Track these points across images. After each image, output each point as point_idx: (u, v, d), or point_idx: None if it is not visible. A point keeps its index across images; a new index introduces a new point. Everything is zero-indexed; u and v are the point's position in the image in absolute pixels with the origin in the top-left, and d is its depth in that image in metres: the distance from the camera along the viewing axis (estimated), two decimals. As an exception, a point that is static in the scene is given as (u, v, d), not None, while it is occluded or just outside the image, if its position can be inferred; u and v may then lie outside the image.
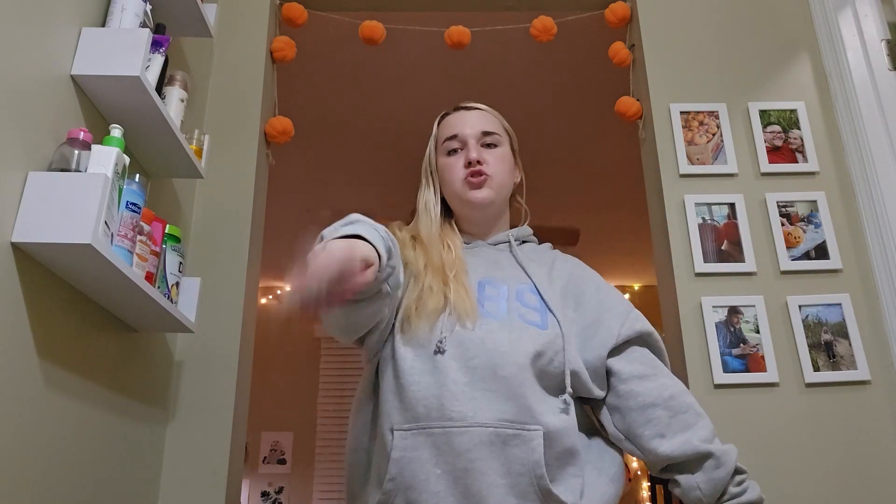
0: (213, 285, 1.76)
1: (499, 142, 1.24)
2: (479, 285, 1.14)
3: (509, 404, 1.01)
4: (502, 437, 0.99)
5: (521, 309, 1.11)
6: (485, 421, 1.00)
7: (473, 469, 0.98)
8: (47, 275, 1.14)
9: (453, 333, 1.06)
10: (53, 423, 1.16)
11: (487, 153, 1.21)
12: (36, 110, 1.12)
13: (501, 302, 1.11)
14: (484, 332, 1.06)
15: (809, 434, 1.64)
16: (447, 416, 1.00)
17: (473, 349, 1.04)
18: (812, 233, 1.82)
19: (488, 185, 1.19)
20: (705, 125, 1.94)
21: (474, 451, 0.98)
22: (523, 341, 1.06)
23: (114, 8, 1.32)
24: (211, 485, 1.61)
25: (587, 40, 2.39)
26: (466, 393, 1.01)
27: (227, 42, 2.01)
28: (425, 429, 1.01)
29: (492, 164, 1.20)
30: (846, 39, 1.95)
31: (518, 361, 1.04)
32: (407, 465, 1.00)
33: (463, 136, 1.22)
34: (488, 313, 1.09)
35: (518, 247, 1.24)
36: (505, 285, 1.14)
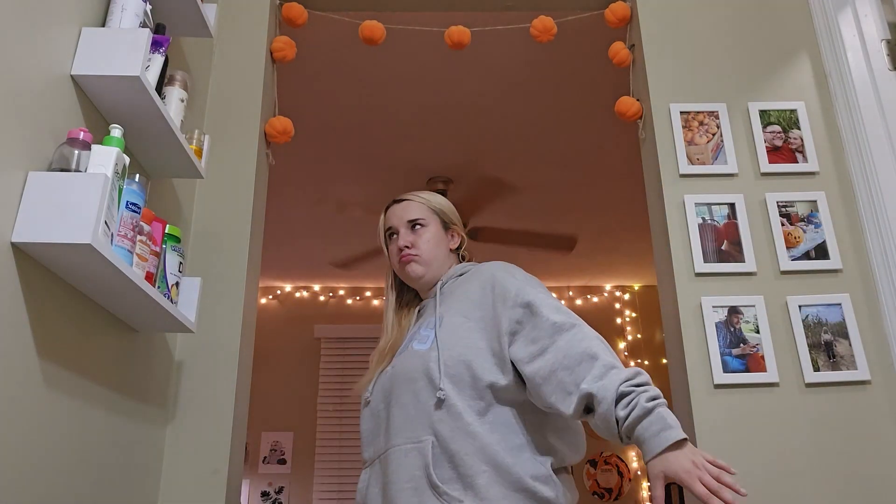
0: (213, 285, 1.76)
1: (425, 223, 1.49)
2: (410, 335, 1.43)
3: (407, 424, 1.26)
4: (404, 450, 1.25)
5: (420, 336, 1.37)
6: (394, 443, 1.27)
7: (390, 481, 1.24)
8: (47, 275, 1.14)
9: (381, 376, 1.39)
10: (53, 424, 1.16)
11: (415, 236, 1.47)
12: (36, 110, 1.12)
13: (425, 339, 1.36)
14: (396, 366, 1.36)
15: (809, 434, 1.64)
16: (380, 448, 1.31)
17: (387, 387, 1.35)
18: (812, 233, 1.82)
19: (416, 262, 1.45)
20: (705, 125, 1.94)
21: (390, 466, 1.25)
22: (411, 366, 1.32)
23: (114, 8, 1.32)
24: (211, 485, 1.61)
25: (587, 40, 2.39)
26: (384, 423, 1.32)
27: (227, 42, 2.01)
28: (373, 463, 1.33)
29: (420, 245, 1.46)
30: (846, 39, 1.95)
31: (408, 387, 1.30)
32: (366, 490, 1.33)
33: (395, 227, 1.49)
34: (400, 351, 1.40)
35: (443, 288, 1.45)
36: (429, 325, 1.38)
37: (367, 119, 3.25)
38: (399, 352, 1.40)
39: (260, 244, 1.97)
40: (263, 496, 4.85)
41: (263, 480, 4.88)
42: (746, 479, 1.61)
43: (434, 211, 1.52)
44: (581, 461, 5.12)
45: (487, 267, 1.41)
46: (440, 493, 1.19)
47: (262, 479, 4.88)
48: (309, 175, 3.76)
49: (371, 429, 1.36)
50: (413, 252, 1.46)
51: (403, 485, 1.21)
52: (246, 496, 4.81)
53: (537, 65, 2.90)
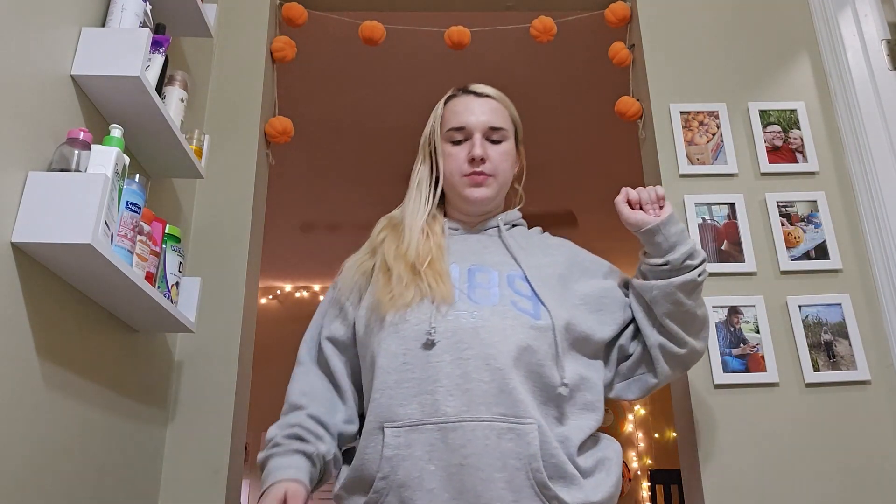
0: (213, 285, 1.76)
1: (505, 137, 1.23)
2: (469, 272, 1.13)
3: (503, 397, 1.00)
4: (496, 430, 0.98)
5: (513, 296, 1.10)
6: (478, 415, 0.99)
7: (468, 465, 0.97)
8: (47, 275, 1.14)
9: (444, 323, 1.05)
10: (53, 424, 1.16)
11: (492, 149, 1.20)
12: (36, 110, 1.12)
13: (493, 288, 1.11)
14: (476, 320, 1.05)
15: (809, 434, 1.64)
16: (441, 412, 0.99)
17: (467, 339, 1.03)
18: (812, 233, 1.82)
19: (488, 185, 1.20)
20: (705, 125, 1.94)
21: (468, 447, 0.97)
22: (516, 331, 1.05)
23: (114, 8, 1.32)
24: (211, 485, 1.61)
25: (587, 40, 2.39)
26: (460, 386, 1.00)
27: (227, 42, 2.01)
28: (418, 425, 1.00)
29: (495, 162, 1.20)
30: (846, 39, 1.95)
31: (511, 352, 1.03)
32: (400, 462, 0.99)
33: (469, 129, 1.20)
34: (479, 300, 1.08)
35: (507, 231, 1.23)
36: (496, 271, 1.14)
37: (367, 119, 3.25)
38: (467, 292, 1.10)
39: (260, 244, 1.96)
40: (263, 496, 4.84)
41: (263, 480, 4.87)
42: (747, 478, 1.61)
43: (513, 121, 1.27)
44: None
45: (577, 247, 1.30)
46: (549, 498, 0.98)
47: (261, 479, 4.87)
48: (308, 174, 3.75)
49: (425, 378, 1.02)
50: (490, 171, 1.19)
51: (493, 474, 0.97)
52: (246, 496, 4.80)
53: (537, 65, 2.90)
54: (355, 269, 1.20)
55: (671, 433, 4.96)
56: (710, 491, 1.60)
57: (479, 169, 1.18)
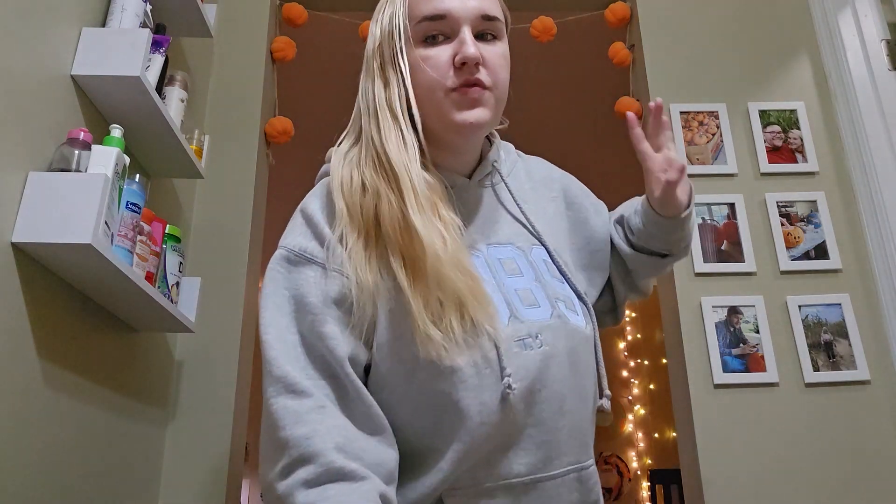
0: (213, 285, 1.76)
1: (500, 33, 0.85)
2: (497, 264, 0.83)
3: (573, 443, 0.80)
4: (568, 485, 0.79)
5: (556, 293, 0.84)
6: (552, 471, 0.78)
7: None
8: (47, 275, 1.14)
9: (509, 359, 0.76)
10: (53, 424, 1.16)
11: (487, 50, 0.82)
12: (36, 110, 1.12)
13: (531, 286, 0.83)
14: (542, 349, 0.78)
15: (809, 434, 1.64)
16: (514, 473, 0.77)
17: (539, 379, 0.78)
18: (812, 233, 1.82)
19: (486, 103, 0.81)
20: (705, 125, 1.94)
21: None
22: (578, 353, 0.82)
23: (114, 8, 1.32)
24: (211, 485, 1.61)
25: (587, 40, 2.39)
26: (534, 439, 0.78)
27: (227, 42, 2.01)
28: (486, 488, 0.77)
29: (494, 67, 0.82)
30: (846, 39, 1.95)
31: (583, 386, 0.82)
32: None
33: (453, 19, 0.81)
34: (529, 315, 0.80)
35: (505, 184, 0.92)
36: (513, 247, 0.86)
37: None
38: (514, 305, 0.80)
39: (260, 244, 1.97)
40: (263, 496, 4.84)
41: (263, 480, 4.87)
42: (746, 478, 1.61)
43: (505, 16, 0.89)
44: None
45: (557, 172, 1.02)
46: None
47: (261, 479, 4.87)
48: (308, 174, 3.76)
49: (500, 436, 0.76)
50: (487, 81, 0.81)
51: None
52: (246, 496, 4.80)
53: (537, 65, 2.90)
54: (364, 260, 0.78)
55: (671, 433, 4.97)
56: (710, 491, 1.60)
57: (477, 77, 0.80)
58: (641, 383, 5.22)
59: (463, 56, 0.79)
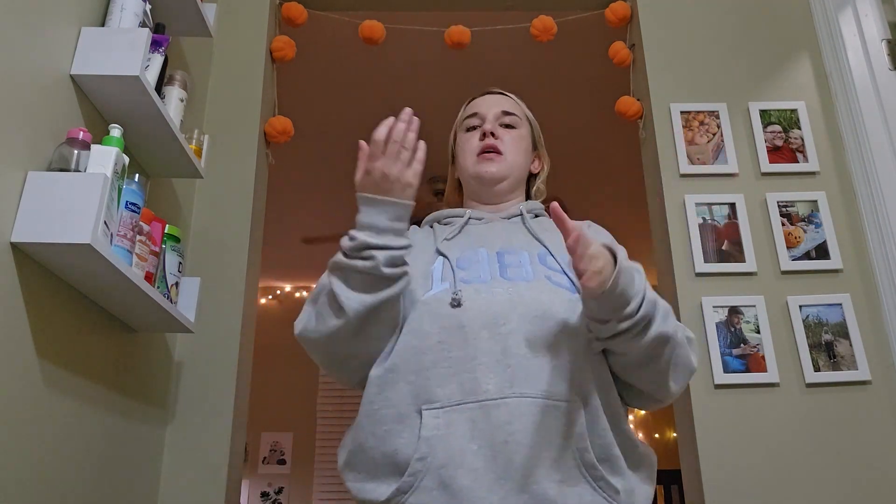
0: (213, 285, 1.75)
1: (517, 124, 1.25)
2: (499, 255, 1.10)
3: (546, 374, 0.96)
4: (541, 407, 0.94)
5: (547, 271, 1.06)
6: (522, 391, 0.94)
7: (513, 441, 0.91)
8: (47, 275, 1.14)
9: (479, 299, 1.00)
10: (53, 424, 1.16)
11: (504, 132, 1.23)
12: (35, 110, 1.12)
13: (525, 266, 1.07)
14: (512, 295, 1.00)
15: (810, 434, 1.64)
16: (482, 391, 0.94)
17: (503, 314, 0.99)
18: (812, 233, 1.82)
19: (498, 162, 1.19)
20: (706, 125, 1.94)
21: (514, 423, 0.92)
22: (556, 305, 1.00)
23: (113, 7, 1.32)
24: (211, 485, 1.61)
25: (587, 40, 2.39)
26: (501, 363, 0.96)
27: (227, 42, 2.01)
28: (459, 405, 0.95)
29: (506, 143, 1.22)
30: (847, 39, 1.95)
31: (552, 329, 0.99)
32: (439, 442, 0.93)
33: (483, 114, 1.25)
34: (513, 277, 1.04)
35: (531, 220, 1.20)
36: (525, 252, 1.10)
37: (367, 118, 3.24)
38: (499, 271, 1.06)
39: (260, 244, 1.96)
40: (263, 496, 4.85)
41: (263, 481, 4.88)
42: (747, 478, 1.60)
43: (528, 120, 1.31)
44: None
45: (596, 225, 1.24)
46: (596, 479, 0.94)
47: (261, 479, 4.88)
48: (308, 174, 3.75)
49: (464, 357, 0.97)
50: (501, 148, 1.20)
51: (542, 453, 0.92)
52: (246, 496, 4.80)
53: (537, 65, 2.90)
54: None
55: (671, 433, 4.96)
56: (710, 491, 1.59)
57: (490, 144, 1.20)
58: (642, 383, 5.20)
59: (482, 129, 1.22)
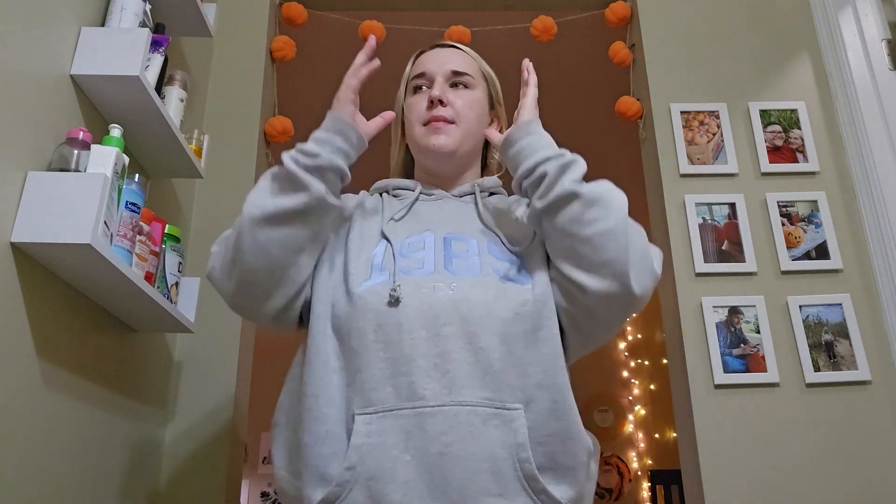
0: (213, 285, 1.75)
1: (471, 84, 1.12)
2: (445, 242, 1.00)
3: (487, 379, 0.89)
4: (481, 416, 0.87)
5: (495, 263, 0.98)
6: (460, 399, 0.87)
7: (449, 454, 0.85)
8: (47, 275, 1.14)
9: (419, 296, 0.92)
10: (53, 424, 1.16)
11: (454, 94, 1.09)
12: (35, 110, 1.12)
13: (472, 257, 0.99)
14: (455, 292, 0.93)
15: (810, 434, 1.64)
16: (418, 396, 0.87)
17: (444, 314, 0.91)
18: (812, 233, 1.82)
19: (448, 133, 1.06)
20: (706, 125, 1.94)
21: (450, 434, 0.86)
22: (501, 303, 0.93)
23: (113, 8, 1.32)
24: (211, 485, 1.61)
25: (587, 40, 2.39)
26: (439, 367, 0.89)
27: (226, 42, 2.01)
28: (392, 411, 0.88)
29: (457, 107, 1.08)
30: (847, 39, 1.95)
31: (496, 329, 0.91)
32: (370, 452, 0.86)
33: (431, 73, 1.10)
34: (457, 271, 0.96)
35: (484, 199, 1.10)
36: (474, 239, 1.02)
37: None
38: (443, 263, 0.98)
39: (260, 244, 1.96)
40: (263, 496, 4.85)
41: (263, 481, 4.87)
42: (747, 478, 1.60)
43: (484, 76, 1.17)
44: (581, 461, 5.10)
45: None
46: (537, 492, 0.87)
47: (261, 479, 4.88)
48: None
49: (399, 359, 0.90)
50: (450, 115, 1.07)
51: (479, 464, 0.86)
52: (245, 497, 4.80)
53: (537, 65, 2.89)
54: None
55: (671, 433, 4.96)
56: (710, 491, 1.60)
57: (439, 114, 1.06)
58: (642, 384, 5.21)
59: (430, 95, 1.08)
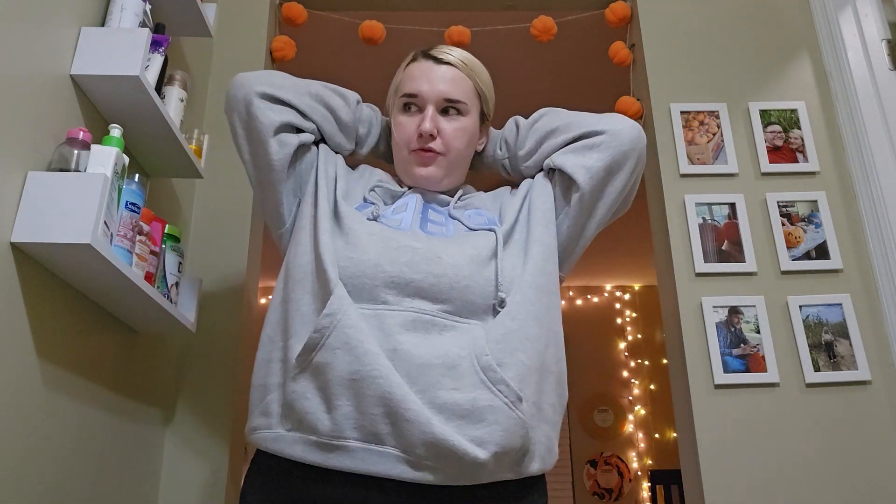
0: (213, 285, 1.75)
1: (464, 111, 1.12)
2: (425, 207, 1.08)
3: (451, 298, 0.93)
4: (438, 325, 0.91)
5: (469, 234, 1.04)
6: (421, 307, 0.92)
7: (402, 350, 0.89)
8: (47, 275, 1.14)
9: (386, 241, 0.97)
10: (53, 424, 1.16)
11: (446, 123, 1.10)
12: (35, 110, 1.12)
13: (448, 227, 1.05)
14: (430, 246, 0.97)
15: (810, 434, 1.64)
16: (381, 300, 0.92)
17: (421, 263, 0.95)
18: (812, 233, 1.82)
19: (437, 164, 1.10)
20: (706, 125, 1.94)
21: (405, 334, 0.90)
22: (468, 245, 0.99)
23: (113, 7, 1.31)
24: (211, 485, 1.61)
25: (587, 40, 2.39)
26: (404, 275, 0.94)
27: (226, 42, 2.01)
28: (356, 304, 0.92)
29: (447, 139, 1.10)
30: (847, 39, 1.95)
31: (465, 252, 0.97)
32: (345, 309, 0.90)
33: (423, 97, 1.10)
34: (433, 233, 1.02)
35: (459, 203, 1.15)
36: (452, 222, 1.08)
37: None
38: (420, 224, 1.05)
39: (260, 244, 1.96)
40: (263, 496, 4.84)
41: (263, 480, 4.87)
42: (747, 478, 1.60)
43: (479, 94, 1.17)
44: (581, 461, 5.13)
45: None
46: (494, 381, 0.89)
47: (262, 479, 4.87)
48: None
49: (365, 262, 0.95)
50: (439, 148, 1.10)
51: (431, 359, 0.89)
52: (246, 496, 4.79)
53: (537, 65, 2.90)
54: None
55: (671, 433, 4.97)
56: (710, 491, 1.60)
57: (428, 146, 1.08)
58: (642, 384, 5.21)
59: (420, 129, 1.09)
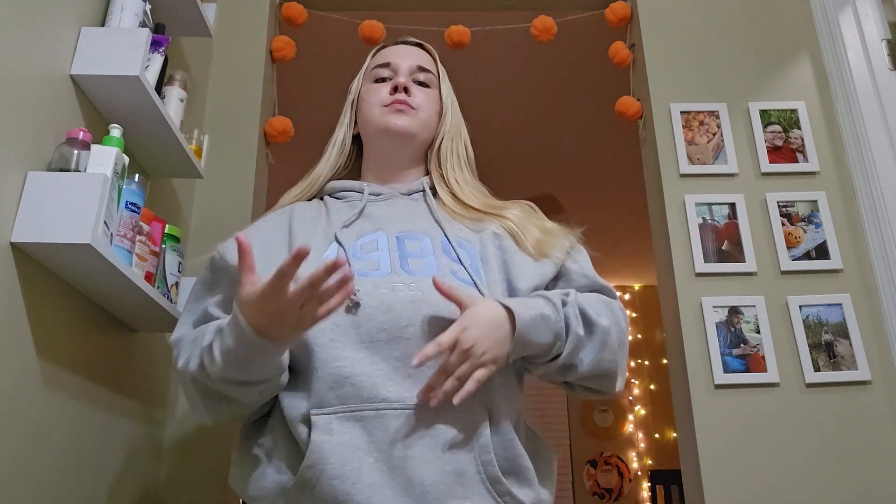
0: (213, 285, 1.75)
1: (432, 83, 1.17)
2: (399, 241, 1.01)
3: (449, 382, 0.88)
4: (443, 418, 0.87)
5: (451, 264, 0.98)
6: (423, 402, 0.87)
7: (413, 457, 0.85)
8: (47, 275, 1.14)
9: (378, 296, 0.92)
10: (53, 424, 1.16)
11: (418, 89, 1.14)
12: (35, 110, 1.12)
13: (428, 256, 0.99)
14: (415, 292, 0.93)
15: (810, 434, 1.64)
16: (381, 398, 0.87)
17: (406, 316, 0.91)
18: (812, 233, 1.82)
19: (411, 117, 1.10)
20: (706, 125, 1.94)
21: (413, 436, 0.86)
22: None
23: (113, 7, 1.31)
24: (211, 485, 1.61)
25: (587, 40, 2.39)
26: (400, 370, 0.89)
27: (226, 42, 2.01)
28: (355, 412, 0.87)
29: (419, 99, 1.13)
30: (847, 39, 1.95)
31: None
32: (332, 450, 0.85)
33: (396, 65, 1.15)
34: (415, 270, 0.96)
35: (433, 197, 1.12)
36: (428, 237, 1.02)
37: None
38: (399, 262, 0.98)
39: (260, 244, 1.96)
40: (263, 496, 4.84)
41: (263, 480, 4.87)
42: (747, 478, 1.60)
43: (443, 80, 1.21)
44: (581, 461, 5.12)
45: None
46: (501, 494, 0.88)
47: (262, 479, 4.87)
48: (309, 175, 3.75)
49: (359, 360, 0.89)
50: (413, 103, 1.11)
51: (444, 467, 0.86)
52: (246, 496, 4.79)
53: (537, 65, 2.90)
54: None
55: (671, 433, 4.97)
56: (710, 491, 1.60)
57: (400, 98, 1.10)
58: (642, 383, 5.21)
59: (395, 82, 1.12)
